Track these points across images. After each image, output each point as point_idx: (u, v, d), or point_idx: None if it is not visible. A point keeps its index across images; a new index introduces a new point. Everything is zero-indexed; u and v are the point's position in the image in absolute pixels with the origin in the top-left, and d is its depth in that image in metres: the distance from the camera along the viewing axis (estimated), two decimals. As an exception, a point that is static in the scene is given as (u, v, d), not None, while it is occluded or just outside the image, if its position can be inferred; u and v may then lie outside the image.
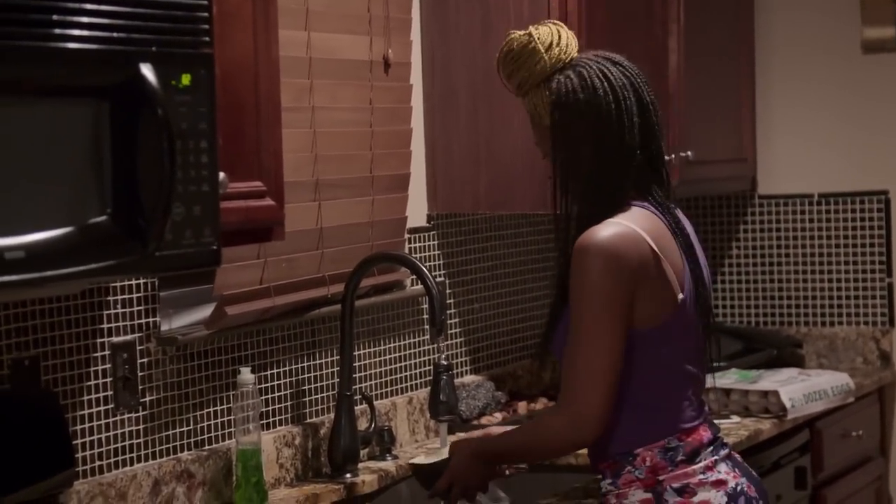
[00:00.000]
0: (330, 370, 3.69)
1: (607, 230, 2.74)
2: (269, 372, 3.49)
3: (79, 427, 2.95)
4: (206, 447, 3.28)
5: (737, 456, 2.92)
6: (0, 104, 2.18)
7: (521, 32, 2.86)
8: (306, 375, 3.63)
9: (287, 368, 3.57)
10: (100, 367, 3.01)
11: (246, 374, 3.26)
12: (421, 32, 4.06)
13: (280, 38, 2.86)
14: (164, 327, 3.21)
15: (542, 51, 2.82)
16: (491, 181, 4.05)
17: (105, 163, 2.35)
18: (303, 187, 3.47)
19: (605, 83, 2.80)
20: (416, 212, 4.05)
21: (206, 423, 3.30)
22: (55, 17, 2.23)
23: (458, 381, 3.98)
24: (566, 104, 2.80)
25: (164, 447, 3.17)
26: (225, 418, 3.34)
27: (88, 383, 2.98)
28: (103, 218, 2.34)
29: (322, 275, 3.61)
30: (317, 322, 3.65)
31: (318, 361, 3.67)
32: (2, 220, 2.18)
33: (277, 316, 3.51)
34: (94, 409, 2.99)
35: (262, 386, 3.44)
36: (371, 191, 3.79)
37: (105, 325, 3.04)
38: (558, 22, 2.91)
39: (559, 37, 2.85)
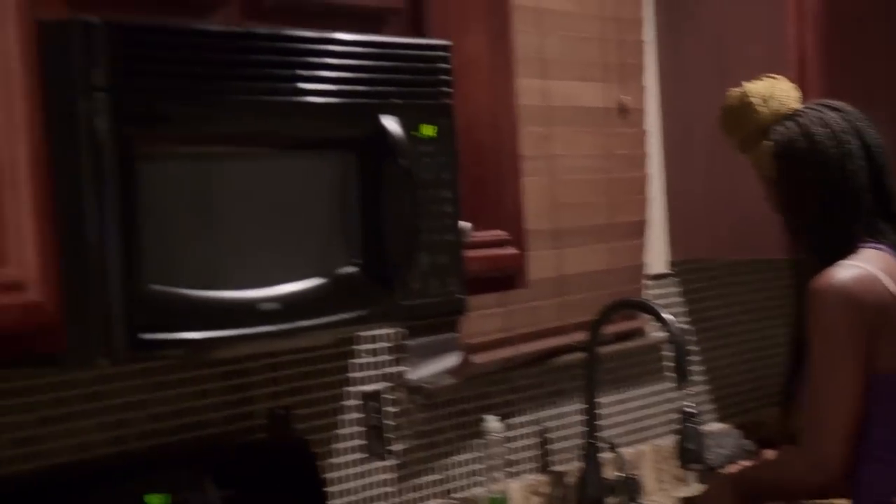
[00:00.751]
0: (574, 418, 3.69)
1: (841, 272, 2.71)
2: (514, 420, 3.51)
3: (330, 475, 3.00)
4: (455, 495, 3.31)
5: None
6: (249, 158, 2.26)
7: (737, 90, 2.87)
8: (551, 423, 3.63)
9: (532, 416, 3.58)
10: (350, 416, 3.06)
11: (492, 423, 3.28)
12: (655, 78, 4.06)
13: (518, 86, 2.90)
14: (411, 376, 3.25)
15: (759, 105, 2.82)
16: (731, 226, 4.01)
17: (352, 214, 2.40)
18: (543, 235, 3.49)
19: (826, 130, 2.79)
20: (656, 258, 4.03)
21: (453, 472, 3.33)
22: (300, 72, 2.30)
23: (703, 428, 3.94)
24: (788, 155, 2.80)
25: (413, 496, 3.20)
26: (472, 467, 3.36)
27: (339, 431, 3.03)
28: (352, 268, 2.40)
29: (564, 322, 3.61)
30: (560, 369, 3.66)
31: (562, 409, 3.67)
32: (256, 271, 2.24)
33: (521, 364, 3.53)
34: (345, 458, 3.05)
35: (508, 434, 3.45)
36: (610, 237, 3.79)
37: (354, 375, 3.10)
38: (775, 75, 2.91)
39: (776, 90, 2.85)
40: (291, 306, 2.30)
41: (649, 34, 4.01)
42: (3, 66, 1.96)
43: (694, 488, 3.55)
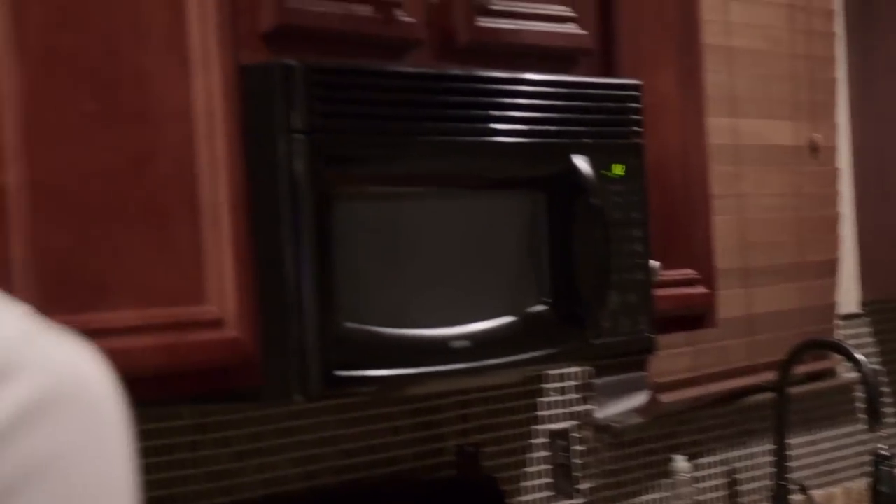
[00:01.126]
0: (763, 459, 3.64)
1: None
2: (702, 460, 3.48)
3: (518, 513, 3.02)
4: (642, 535, 3.30)
5: None
6: (441, 198, 2.29)
7: None
8: (740, 464, 3.60)
9: (720, 457, 3.55)
10: (538, 455, 3.07)
11: (680, 463, 3.26)
12: (847, 115, 4.01)
13: (708, 125, 2.89)
14: (598, 415, 3.25)
15: None
16: (925, 265, 3.94)
17: (542, 252, 2.42)
18: (732, 274, 3.47)
19: None
20: (848, 297, 3.97)
21: (640, 512, 3.32)
22: (492, 112, 2.33)
23: (897, 471, 3.86)
24: None
25: (600, 535, 3.20)
26: (659, 507, 3.35)
27: (527, 470, 3.04)
28: (542, 307, 2.41)
29: (753, 362, 3.58)
30: (749, 410, 3.62)
31: (751, 450, 3.63)
32: (447, 309, 2.27)
33: (710, 403, 3.50)
34: (533, 496, 3.05)
35: (696, 475, 3.42)
36: (800, 276, 3.75)
37: (542, 413, 3.11)
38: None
39: None
40: (482, 344, 2.32)
41: (841, 72, 3.96)
42: (206, 109, 2.02)
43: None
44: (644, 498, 3.32)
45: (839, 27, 3.97)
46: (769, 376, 3.57)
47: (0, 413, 0.80)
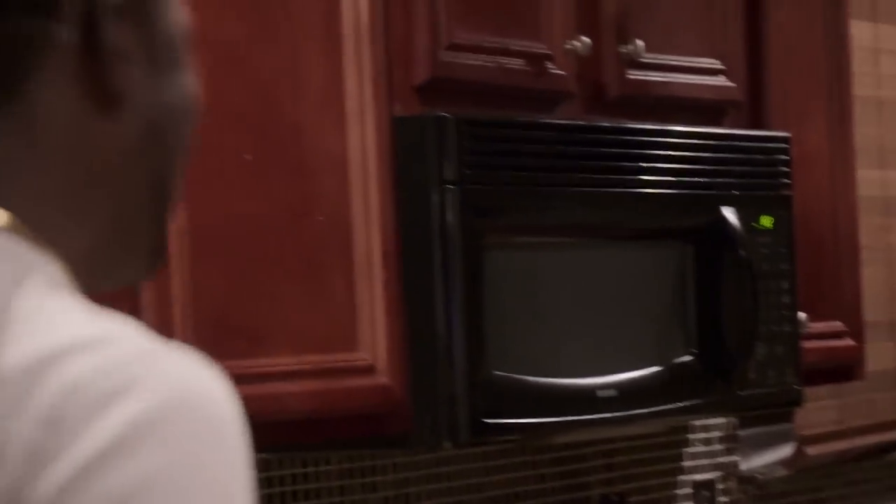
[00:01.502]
0: (912, 514, 3.60)
1: None
2: (848, 514, 3.45)
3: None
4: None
5: None
6: (589, 248, 2.32)
7: None
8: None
9: (867, 511, 3.51)
10: (682, 505, 3.07)
11: (826, 516, 3.23)
12: None
13: (857, 177, 2.88)
14: (743, 466, 3.23)
15: None
16: None
17: (688, 302, 2.43)
18: (880, 327, 3.43)
19: None
20: None
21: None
22: (641, 164, 2.35)
23: None
24: None
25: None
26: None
27: (670, 520, 3.04)
28: (688, 357, 2.42)
29: (901, 416, 3.54)
30: (897, 465, 3.58)
31: (900, 505, 3.59)
32: (593, 358, 2.29)
33: (856, 457, 3.47)
34: (677, 547, 3.05)
35: (843, 529, 3.40)
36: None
37: (687, 463, 3.10)
38: None
39: None
40: (628, 394, 2.33)
41: None
42: (360, 161, 2.07)
43: None
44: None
45: None
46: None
47: (114, 429, 0.82)
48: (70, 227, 0.97)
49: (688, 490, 3.09)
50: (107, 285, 1.00)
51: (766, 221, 2.52)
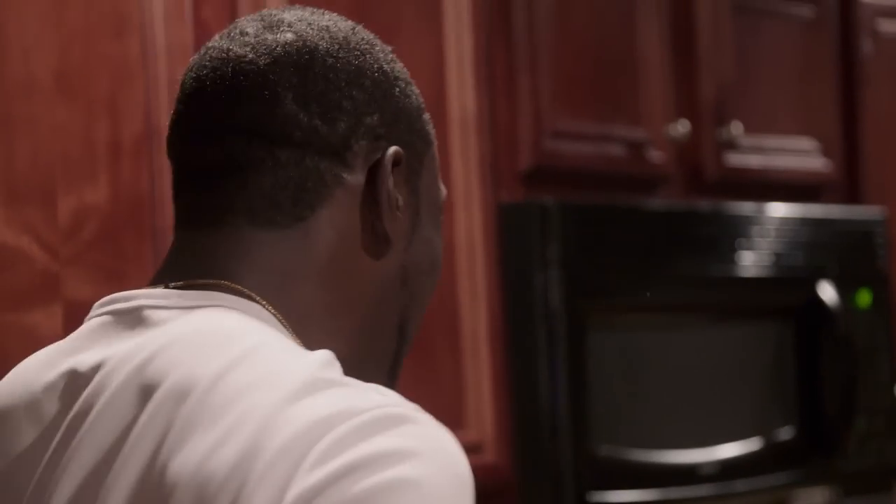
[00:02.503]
0: None
1: None
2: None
3: None
4: None
5: None
6: (688, 326, 2.38)
7: None
8: None
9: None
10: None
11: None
12: None
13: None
14: (845, 535, 3.25)
15: None
16: None
17: (788, 377, 2.48)
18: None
19: None
20: None
21: None
22: (739, 244, 2.41)
23: None
24: None
25: None
26: None
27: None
28: (788, 431, 2.47)
29: None
30: None
31: None
32: (695, 433, 2.35)
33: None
34: None
35: None
36: None
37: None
38: None
39: None
40: (729, 468, 2.39)
41: None
42: (467, 245, 2.16)
43: None
44: None
45: None
46: None
47: (381, 446, 0.95)
48: (325, 341, 1.11)
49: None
50: None
51: (864, 298, 2.57)
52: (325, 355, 1.06)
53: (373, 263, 1.18)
